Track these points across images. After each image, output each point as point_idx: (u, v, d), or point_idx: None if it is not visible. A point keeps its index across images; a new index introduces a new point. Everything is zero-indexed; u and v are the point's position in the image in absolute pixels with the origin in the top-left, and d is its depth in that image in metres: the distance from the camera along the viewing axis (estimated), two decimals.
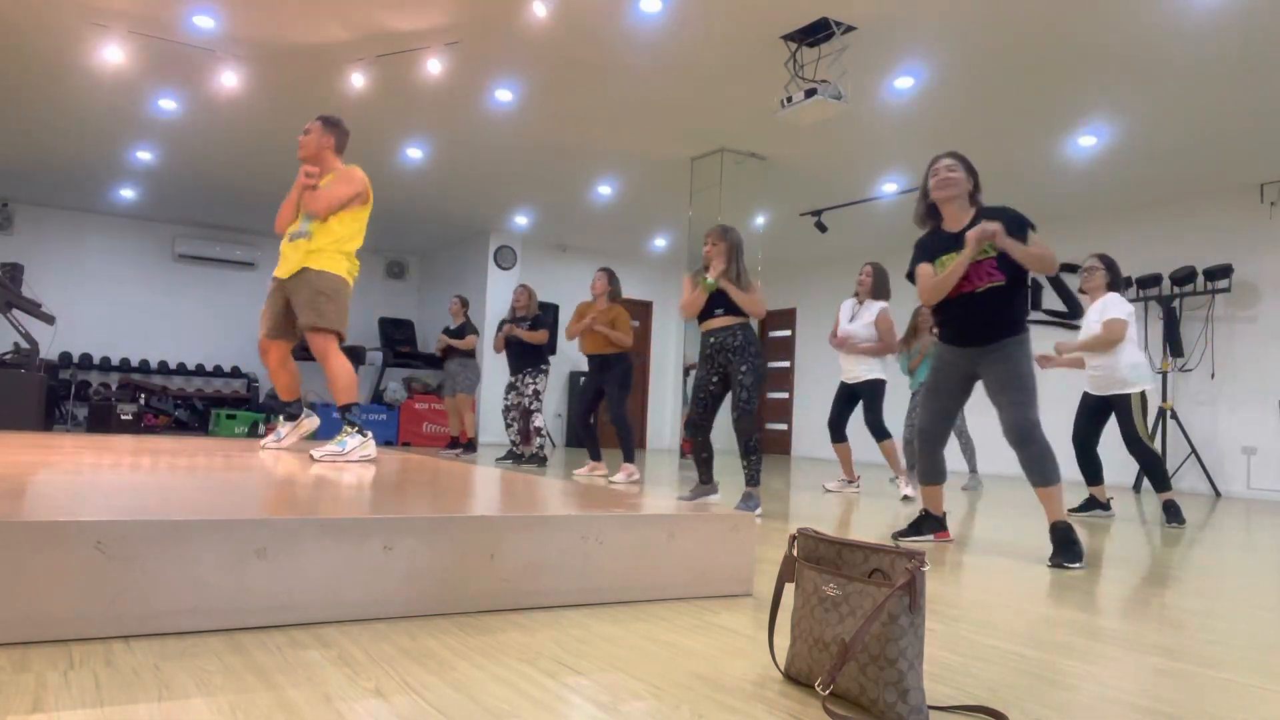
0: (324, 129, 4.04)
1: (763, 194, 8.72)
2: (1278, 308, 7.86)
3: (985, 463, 9.94)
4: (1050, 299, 9.52)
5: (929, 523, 3.48)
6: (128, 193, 10.15)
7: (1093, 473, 5.12)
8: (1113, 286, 4.97)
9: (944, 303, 3.31)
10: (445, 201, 10.11)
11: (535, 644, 1.63)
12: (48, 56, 6.26)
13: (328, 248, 3.79)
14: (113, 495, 1.93)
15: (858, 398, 5.99)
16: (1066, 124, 6.75)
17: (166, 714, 1.18)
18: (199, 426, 10.79)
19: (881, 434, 5.85)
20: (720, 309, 4.23)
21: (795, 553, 1.51)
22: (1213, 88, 5.94)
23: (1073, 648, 1.84)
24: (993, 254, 3.19)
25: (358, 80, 6.31)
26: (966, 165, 3.33)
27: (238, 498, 2.00)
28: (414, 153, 8.25)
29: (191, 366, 11.55)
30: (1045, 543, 3.70)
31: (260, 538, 1.63)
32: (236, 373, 11.72)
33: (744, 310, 4.20)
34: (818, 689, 1.33)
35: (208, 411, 10.77)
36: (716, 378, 4.26)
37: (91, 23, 5.70)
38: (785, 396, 12.92)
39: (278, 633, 1.60)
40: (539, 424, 7.14)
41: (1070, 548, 3.05)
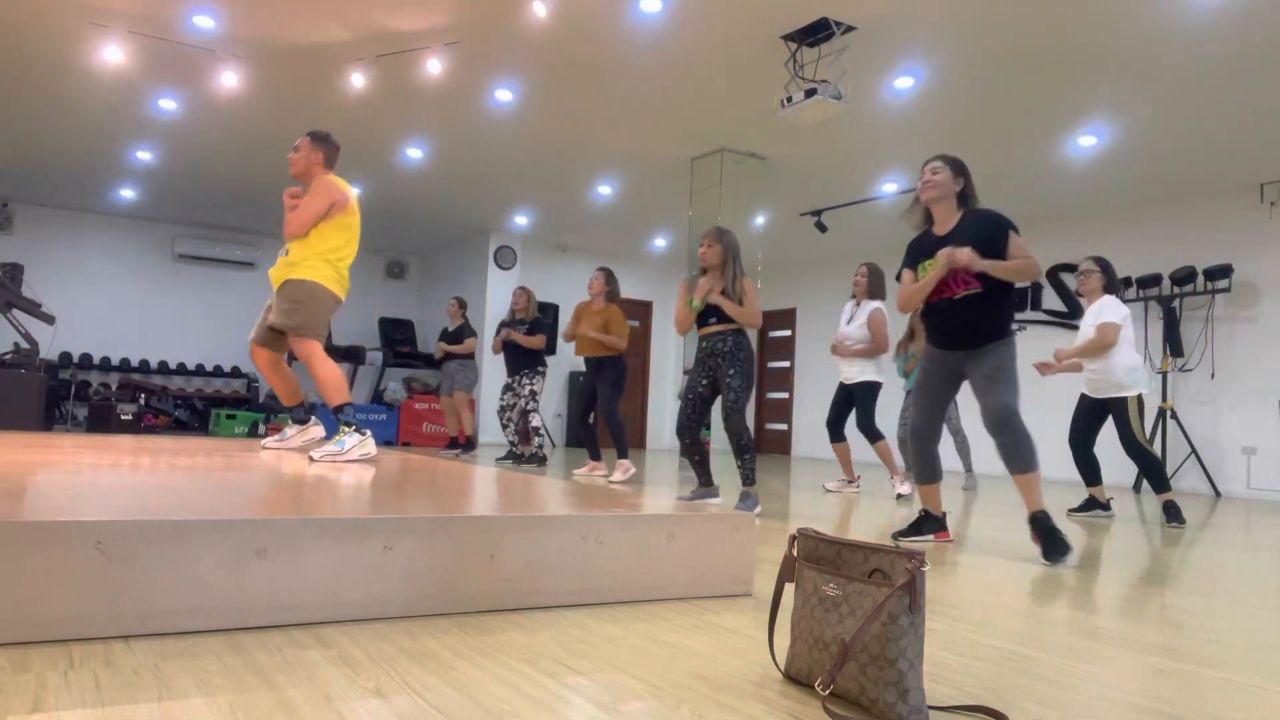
0: (312, 145, 4.08)
1: (763, 194, 8.72)
2: (1278, 308, 7.86)
3: (982, 462, 9.94)
4: (1050, 299, 9.52)
5: (929, 523, 3.49)
6: (128, 193, 10.15)
7: (1091, 473, 5.12)
8: (1109, 288, 4.97)
9: (928, 308, 3.36)
10: (445, 201, 10.11)
11: (535, 644, 1.63)
12: (48, 56, 6.26)
13: (307, 259, 3.85)
14: (113, 495, 1.93)
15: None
16: (1066, 124, 6.75)
17: (166, 714, 1.18)
18: (199, 426, 10.79)
19: (873, 436, 5.85)
20: (713, 318, 4.28)
21: (795, 553, 1.51)
22: (1213, 88, 5.94)
23: (1073, 648, 1.84)
24: None
25: (358, 80, 6.31)
26: (955, 167, 3.33)
27: (238, 498, 2.00)
28: (414, 153, 8.25)
29: (191, 366, 11.55)
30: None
31: (260, 538, 1.63)
32: (236, 373, 11.72)
33: (737, 321, 4.24)
34: (818, 689, 1.33)
35: (208, 411, 10.77)
36: (706, 380, 4.31)
37: (91, 23, 5.70)
38: (785, 396, 12.92)
39: (278, 633, 1.60)
40: (536, 424, 7.17)
41: (1055, 539, 3.10)
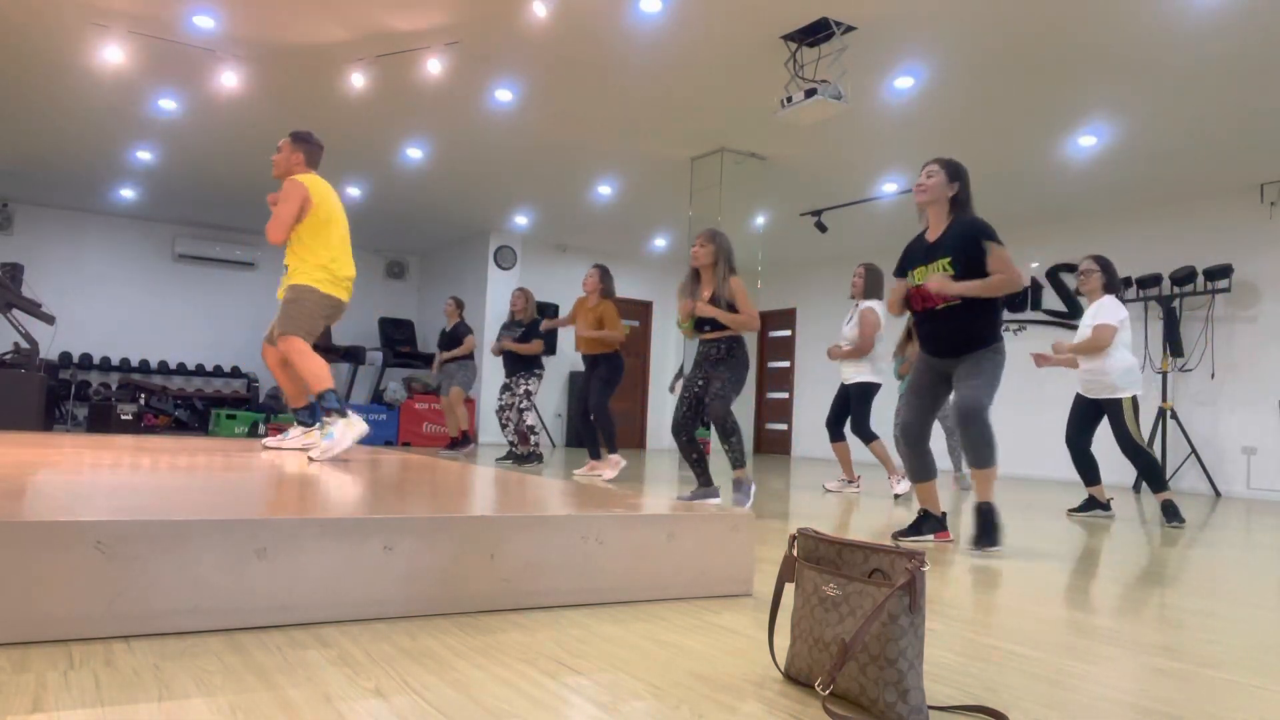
0: (293, 146, 4.12)
1: (763, 194, 8.72)
2: (1278, 308, 7.86)
3: None
4: (1050, 299, 9.52)
5: (929, 522, 3.49)
6: (128, 193, 10.15)
7: (1090, 473, 5.13)
8: (1109, 288, 4.97)
9: (916, 316, 3.43)
10: (445, 201, 10.11)
11: (535, 644, 1.63)
12: (48, 56, 6.26)
13: (300, 268, 3.97)
14: (113, 495, 1.93)
15: None
16: (1066, 124, 6.75)
17: (166, 714, 1.18)
18: (199, 426, 10.79)
19: (867, 436, 5.86)
20: (708, 325, 4.35)
21: (795, 553, 1.51)
22: (1213, 88, 5.94)
23: (1073, 648, 1.84)
24: (950, 273, 3.27)
25: (358, 80, 6.31)
26: (951, 171, 3.33)
27: (238, 498, 2.00)
28: (414, 153, 8.25)
29: (191, 366, 11.55)
30: (1045, 542, 3.70)
31: (260, 538, 1.63)
32: (236, 373, 11.72)
33: (734, 328, 4.27)
34: (818, 689, 1.33)
35: (208, 411, 10.77)
36: (702, 382, 4.37)
37: (91, 23, 5.70)
38: (785, 396, 12.92)
39: (278, 633, 1.60)
40: (531, 422, 7.22)
41: (992, 531, 3.21)
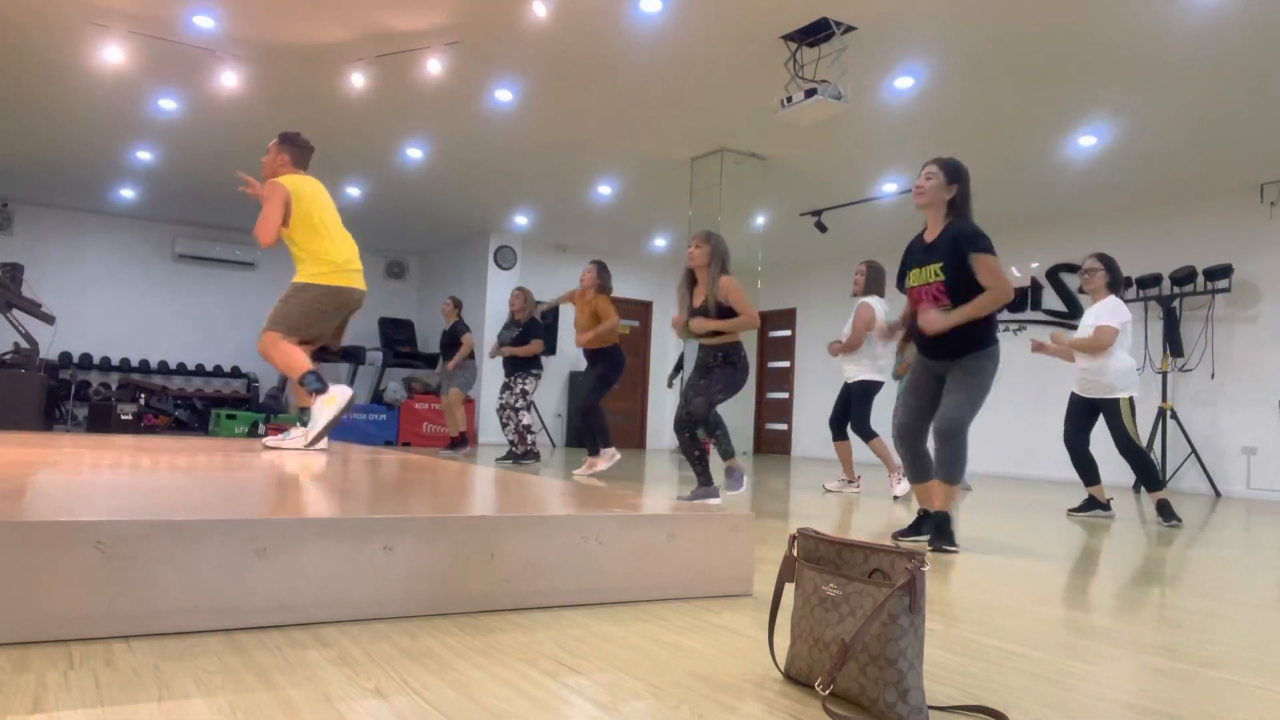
0: (278, 147, 4.16)
1: (763, 194, 8.72)
2: (1278, 308, 7.86)
3: (977, 462, 9.94)
4: (1050, 299, 9.52)
5: (928, 522, 3.48)
6: (128, 193, 10.15)
7: (1089, 473, 5.13)
8: (1113, 286, 4.98)
9: (911, 317, 3.47)
10: (445, 201, 10.11)
11: (535, 644, 1.63)
12: (48, 56, 6.26)
13: (299, 267, 4.04)
14: (113, 495, 1.93)
15: None
16: (1066, 124, 6.75)
17: (166, 714, 1.18)
18: (199, 426, 10.79)
19: (867, 434, 5.84)
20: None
21: (795, 553, 1.51)
22: (1213, 88, 5.94)
23: (1073, 648, 1.84)
24: (940, 279, 3.27)
25: (358, 80, 6.31)
26: (950, 173, 3.33)
27: (238, 498, 2.00)
28: (414, 153, 8.25)
29: (191, 366, 11.55)
30: (1045, 542, 3.70)
31: (260, 538, 1.63)
32: (236, 373, 11.72)
33: (733, 332, 4.28)
34: (818, 689, 1.33)
35: (208, 411, 10.77)
36: (702, 382, 4.36)
37: (91, 23, 5.70)
38: (785, 396, 12.92)
39: (278, 633, 1.60)
40: (526, 422, 7.25)
41: (951, 535, 3.32)
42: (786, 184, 8.70)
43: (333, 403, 3.77)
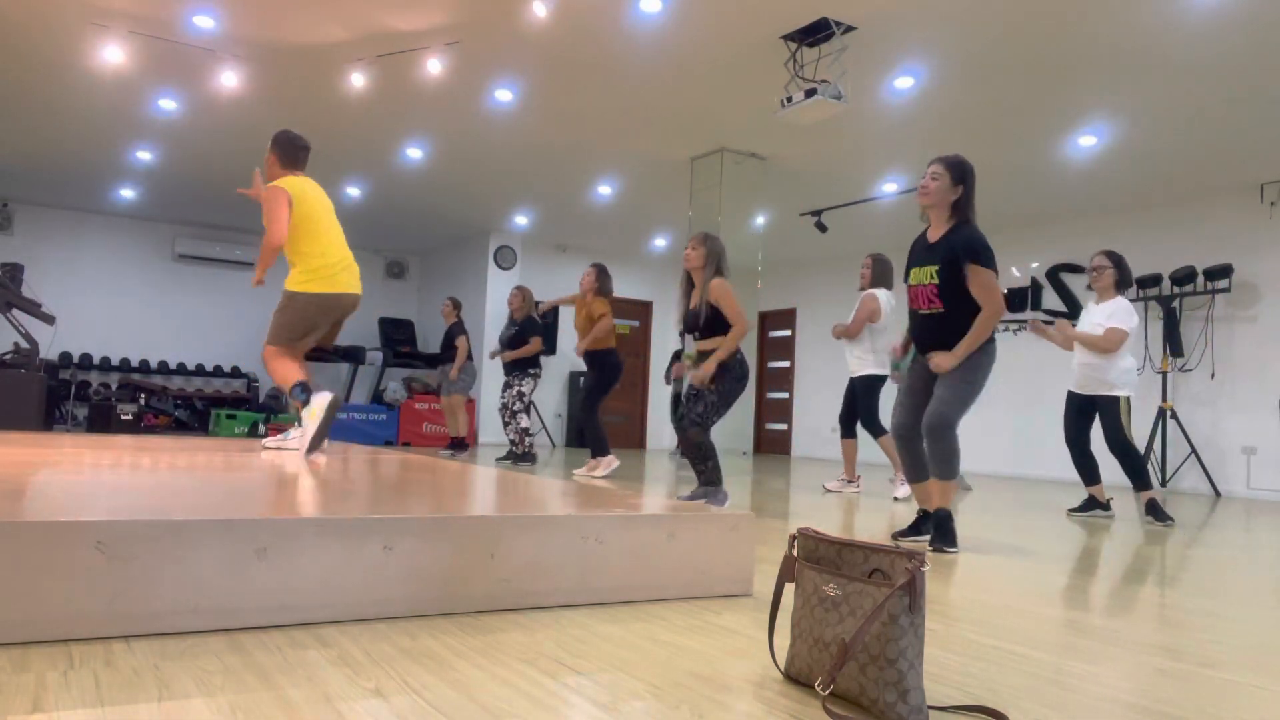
0: (270, 148, 4.19)
1: (763, 194, 8.72)
2: (1278, 308, 7.86)
3: (976, 462, 9.94)
4: (1050, 299, 9.52)
5: (928, 523, 3.49)
6: (128, 193, 10.15)
7: (1090, 473, 5.13)
8: (1121, 285, 4.99)
9: (911, 313, 3.46)
10: (445, 201, 10.11)
11: (535, 644, 1.63)
12: (48, 56, 6.26)
13: (291, 272, 4.08)
14: (113, 495, 1.93)
15: None
16: (1066, 124, 6.75)
17: (166, 714, 1.18)
18: (199, 426, 10.79)
19: (875, 430, 5.81)
20: (700, 331, 4.35)
21: (795, 553, 1.51)
22: (1213, 87, 5.94)
23: (1073, 648, 1.84)
24: (935, 282, 3.26)
25: (358, 80, 6.31)
26: (956, 173, 3.28)
27: (238, 498, 2.00)
28: (414, 153, 8.25)
29: (191, 366, 11.55)
30: (1045, 542, 3.70)
31: (260, 538, 1.63)
32: (236, 373, 11.72)
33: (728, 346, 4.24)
34: (818, 689, 1.33)
35: (208, 411, 10.76)
36: (698, 395, 4.33)
37: (91, 23, 5.70)
38: (785, 397, 12.92)
39: (278, 633, 1.60)
40: (525, 425, 7.26)
41: (951, 535, 3.29)
42: (786, 184, 8.70)
43: (314, 415, 3.83)
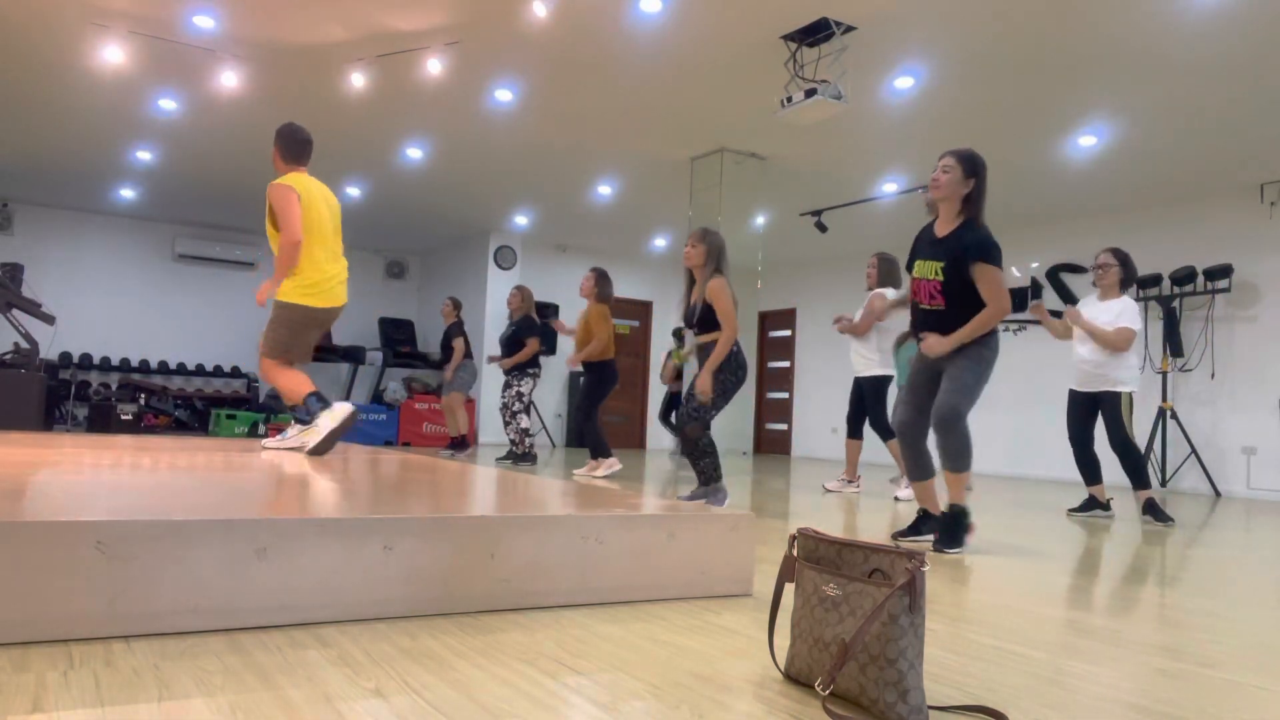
0: (274, 142, 4.18)
1: (763, 194, 8.72)
2: (1278, 308, 7.86)
3: (976, 462, 9.94)
4: (1051, 299, 9.52)
5: (928, 523, 3.48)
6: (128, 193, 10.15)
7: (1092, 472, 5.13)
8: (1126, 283, 4.99)
9: (913, 306, 3.44)
10: (445, 201, 10.11)
11: (535, 644, 1.63)
12: (48, 56, 6.26)
13: (284, 283, 4.06)
14: (113, 495, 1.93)
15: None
16: (1066, 124, 6.75)
17: (166, 714, 1.18)
18: (199, 426, 10.79)
19: (886, 433, 5.75)
20: (699, 326, 4.35)
21: (795, 553, 1.51)
22: (1213, 87, 5.94)
23: (1073, 648, 1.84)
24: (939, 279, 3.25)
25: (358, 80, 6.31)
26: (968, 167, 3.24)
27: (238, 498, 2.00)
28: (414, 153, 8.25)
29: (191, 366, 11.55)
30: (1045, 542, 3.70)
31: (260, 538, 1.63)
32: (236, 373, 11.72)
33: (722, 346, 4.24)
34: (818, 689, 1.33)
35: (208, 411, 10.77)
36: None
37: (91, 23, 5.70)
38: (785, 397, 12.92)
39: (278, 633, 1.60)
40: (525, 425, 7.27)
41: (960, 533, 3.25)
42: (786, 184, 8.70)
43: (335, 417, 3.87)
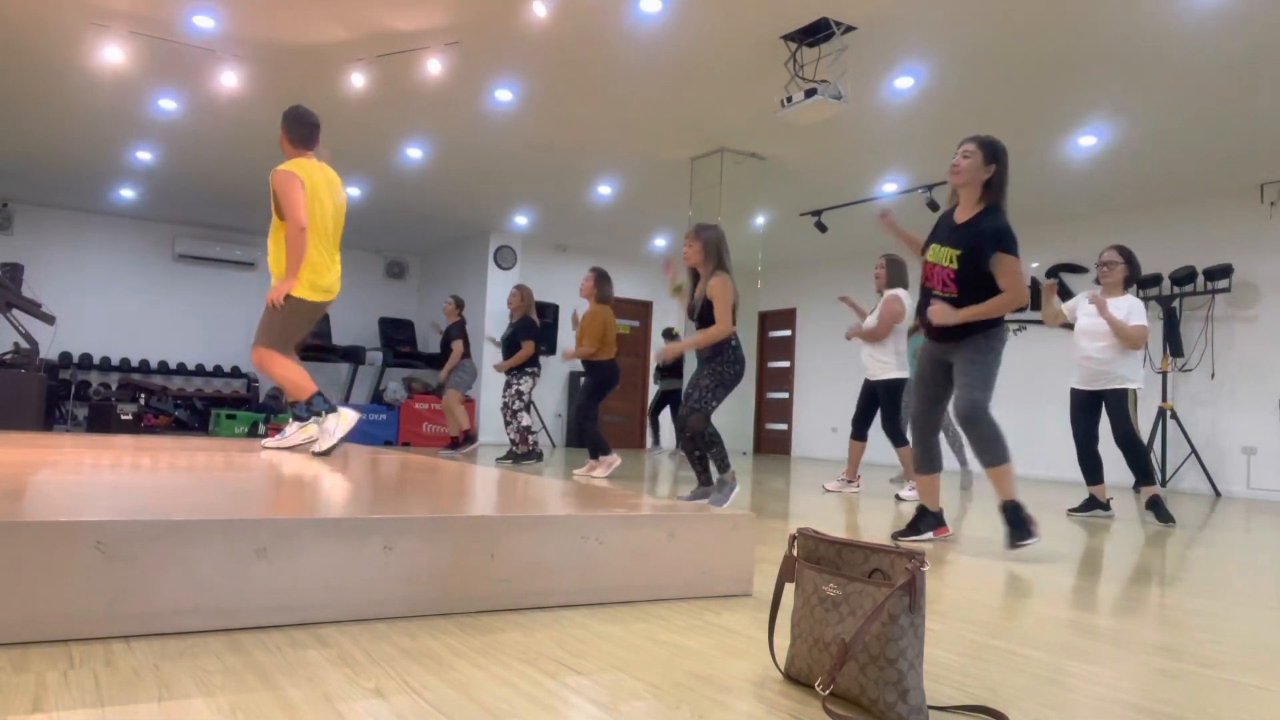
0: (281, 125, 4.11)
1: (763, 194, 8.72)
2: (1278, 308, 7.86)
3: (975, 462, 9.92)
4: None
5: (927, 520, 3.47)
6: (128, 193, 10.15)
7: (1094, 471, 5.13)
8: (1130, 280, 5.00)
9: (924, 292, 3.38)
10: (445, 201, 10.10)
11: (535, 644, 1.63)
12: (48, 56, 6.26)
13: (280, 274, 4.04)
14: (113, 495, 1.93)
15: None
16: (1066, 124, 6.75)
17: (166, 714, 1.17)
18: (199, 426, 10.79)
19: (899, 439, 5.66)
20: (697, 325, 4.37)
21: (795, 553, 1.51)
22: (1213, 87, 5.94)
23: (1073, 648, 1.84)
24: (954, 267, 3.21)
25: (358, 80, 6.31)
26: (988, 152, 3.19)
27: (238, 498, 2.00)
28: (414, 153, 8.25)
29: (191, 366, 11.55)
30: (1045, 542, 3.70)
31: (260, 538, 1.63)
32: (236, 373, 11.72)
33: (716, 339, 4.25)
34: (818, 689, 1.33)
35: (208, 411, 10.77)
36: (697, 381, 4.35)
37: (91, 23, 5.70)
38: (785, 397, 12.92)
39: (278, 633, 1.60)
40: (526, 423, 7.27)
41: (1023, 525, 3.14)
42: (786, 184, 8.70)
43: (344, 421, 3.88)
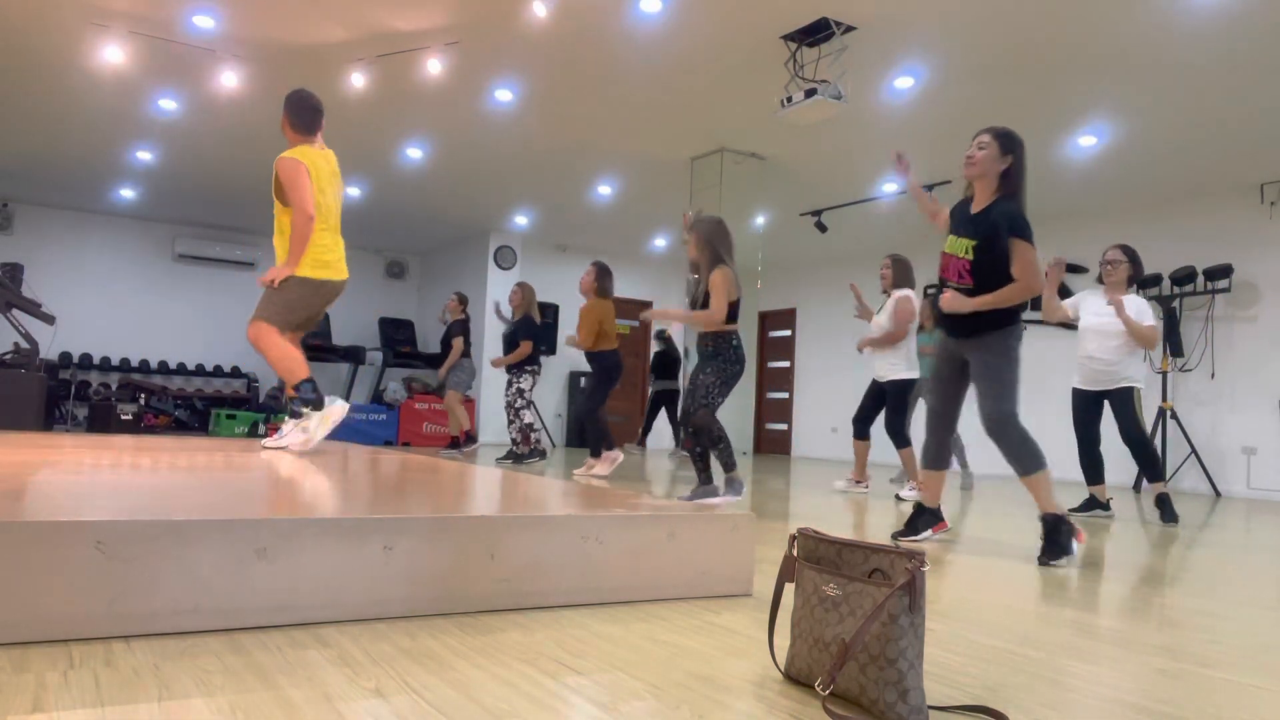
0: (283, 109, 4.11)
1: (763, 194, 8.72)
2: (1278, 308, 7.86)
3: (977, 462, 9.93)
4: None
5: (924, 518, 3.44)
6: (128, 193, 10.15)
7: (1095, 471, 5.13)
8: (1134, 279, 5.00)
9: (942, 283, 3.33)
10: (445, 201, 10.11)
11: (535, 644, 1.63)
12: (48, 56, 6.26)
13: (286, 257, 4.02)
14: (113, 495, 1.93)
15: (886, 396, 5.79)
16: (1066, 124, 6.75)
17: (166, 714, 1.17)
18: (199, 426, 10.79)
19: (901, 440, 5.61)
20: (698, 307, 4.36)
21: (795, 553, 1.51)
22: (1213, 87, 5.94)
23: (1073, 648, 1.84)
24: (969, 258, 3.18)
25: (358, 80, 6.31)
26: (1004, 144, 3.14)
27: (238, 498, 2.00)
28: (414, 153, 8.25)
29: (191, 366, 11.55)
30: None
31: (260, 538, 1.63)
32: (236, 373, 11.72)
33: (702, 324, 4.24)
34: (818, 689, 1.33)
35: (208, 411, 10.77)
36: (699, 378, 4.36)
37: (91, 23, 5.70)
38: (785, 397, 12.92)
39: (278, 633, 1.60)
40: (528, 420, 7.28)
41: (1056, 543, 3.06)
42: (786, 184, 8.70)
43: (328, 421, 3.84)
